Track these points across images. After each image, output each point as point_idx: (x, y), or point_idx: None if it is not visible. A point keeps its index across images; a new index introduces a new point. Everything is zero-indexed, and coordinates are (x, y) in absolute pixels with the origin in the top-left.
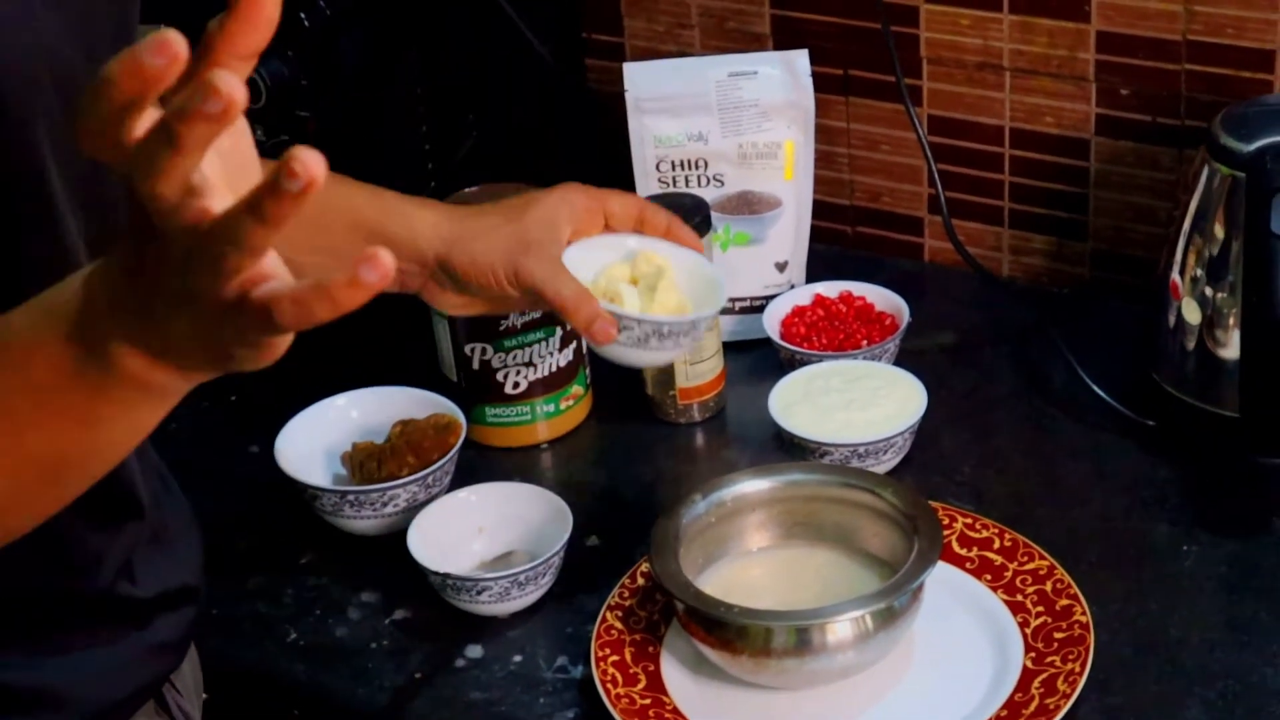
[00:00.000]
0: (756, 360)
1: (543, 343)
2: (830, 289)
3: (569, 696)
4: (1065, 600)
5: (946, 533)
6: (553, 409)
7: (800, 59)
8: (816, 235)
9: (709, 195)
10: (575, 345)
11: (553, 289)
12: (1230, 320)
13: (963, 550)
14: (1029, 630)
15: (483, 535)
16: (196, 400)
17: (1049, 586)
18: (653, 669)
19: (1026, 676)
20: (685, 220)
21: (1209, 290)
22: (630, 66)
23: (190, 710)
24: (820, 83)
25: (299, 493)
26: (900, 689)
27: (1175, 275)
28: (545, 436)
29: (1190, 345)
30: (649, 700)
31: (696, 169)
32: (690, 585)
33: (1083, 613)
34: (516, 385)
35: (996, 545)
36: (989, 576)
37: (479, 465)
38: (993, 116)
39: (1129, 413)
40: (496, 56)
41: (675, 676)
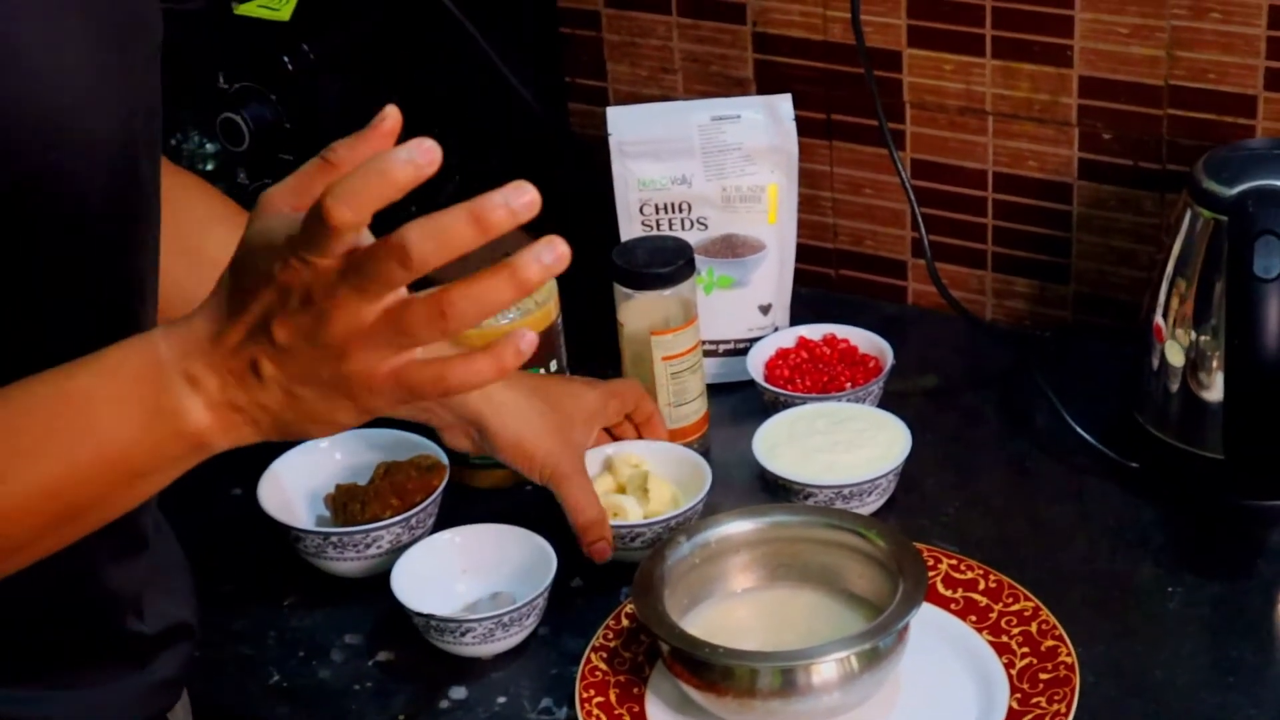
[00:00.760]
0: (740, 402)
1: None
2: (814, 331)
3: None
4: (1050, 641)
5: (931, 574)
6: None
7: (783, 103)
8: (800, 278)
9: (692, 238)
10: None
11: (574, 505)
12: (1214, 362)
13: (948, 591)
14: (1014, 671)
15: (466, 577)
16: None
17: (1034, 627)
18: (638, 710)
19: (1012, 718)
20: (669, 263)
21: (1192, 333)
22: (613, 110)
23: None
24: (803, 127)
25: (282, 534)
26: None
27: (1159, 318)
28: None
29: (1174, 387)
30: None
31: (680, 212)
32: (675, 626)
33: (1068, 654)
34: None
35: (981, 586)
36: (974, 618)
37: (463, 507)
38: (976, 160)
39: (1113, 454)
40: (479, 100)
41: (660, 718)
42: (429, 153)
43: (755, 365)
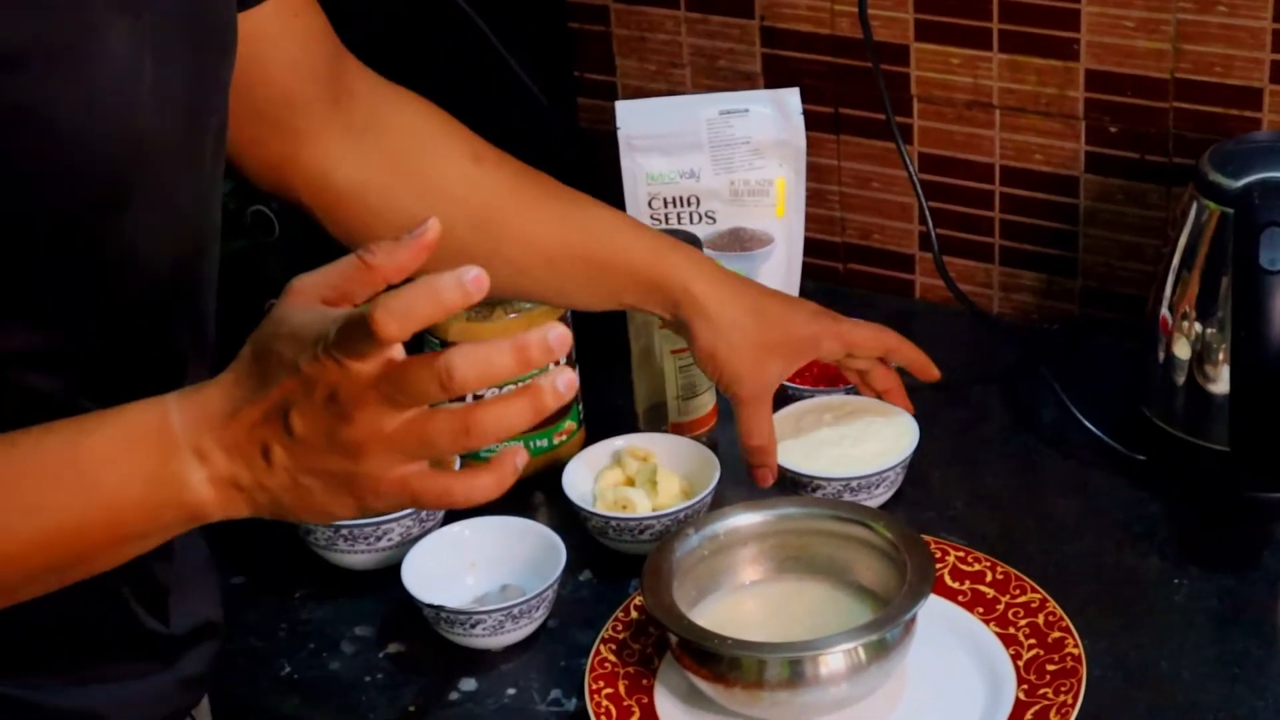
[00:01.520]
0: None
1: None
2: None
3: None
4: (1057, 633)
5: (939, 566)
6: (546, 444)
7: (791, 97)
8: (808, 272)
9: (701, 232)
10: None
11: (744, 429)
12: (1220, 355)
13: (955, 583)
14: (1021, 663)
15: (476, 570)
16: None
17: (1041, 619)
18: (646, 701)
19: (1019, 709)
20: None
21: (1198, 326)
22: (622, 105)
23: None
24: (811, 121)
25: (292, 528)
26: None
27: (1165, 311)
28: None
29: (1180, 380)
30: None
31: (688, 206)
32: (684, 617)
33: (1075, 645)
34: None
35: (989, 578)
36: (981, 609)
37: None
38: (983, 154)
39: (1119, 447)
40: (489, 95)
41: (669, 709)
42: (478, 281)
43: None
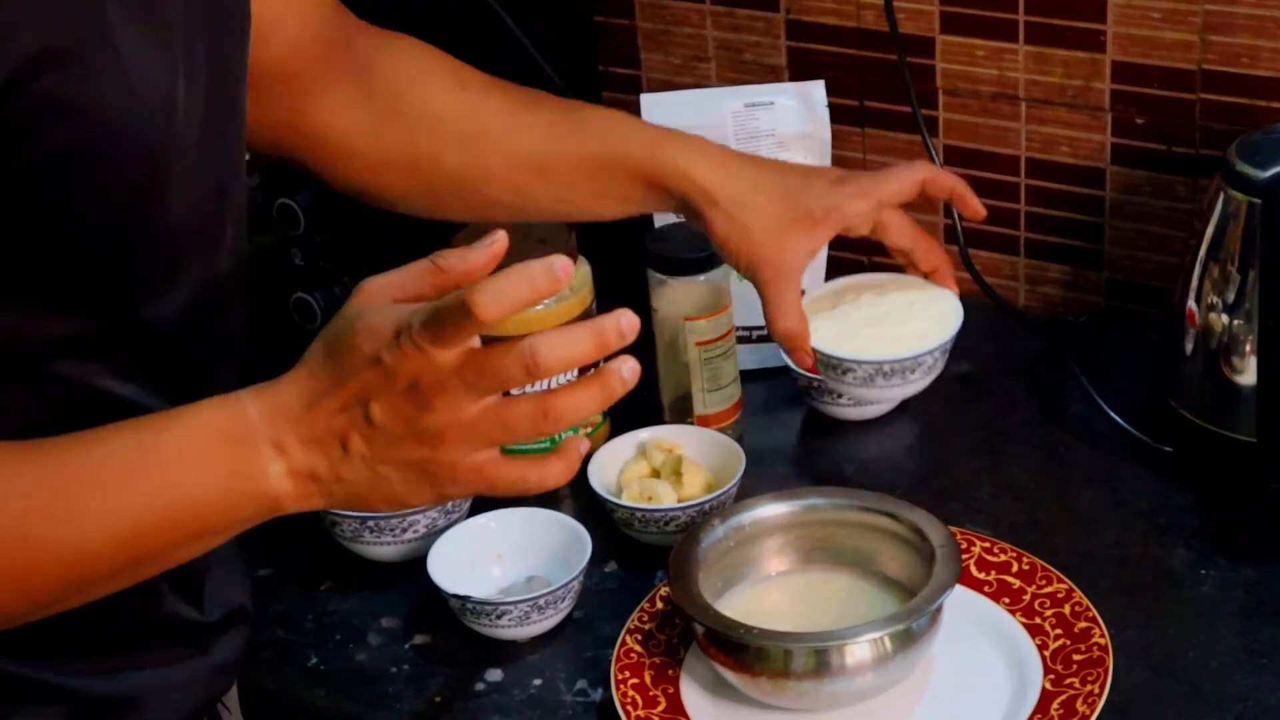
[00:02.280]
0: (773, 389)
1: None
2: None
3: None
4: (1084, 623)
5: (965, 556)
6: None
7: (817, 90)
8: (834, 265)
9: None
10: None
11: (770, 313)
12: (1247, 346)
13: (981, 574)
14: (1047, 653)
15: (502, 560)
16: None
17: (1067, 609)
18: (672, 691)
19: (1045, 698)
20: (703, 249)
21: (1225, 317)
22: (647, 98)
23: None
24: (836, 114)
25: (318, 519)
26: (919, 711)
27: (1191, 303)
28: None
29: (1207, 372)
30: None
31: None
32: (710, 607)
33: (1101, 635)
34: None
35: (1015, 569)
36: (1007, 600)
37: None
38: (1008, 147)
39: (1146, 439)
40: None
41: (695, 699)
42: (567, 269)
43: None
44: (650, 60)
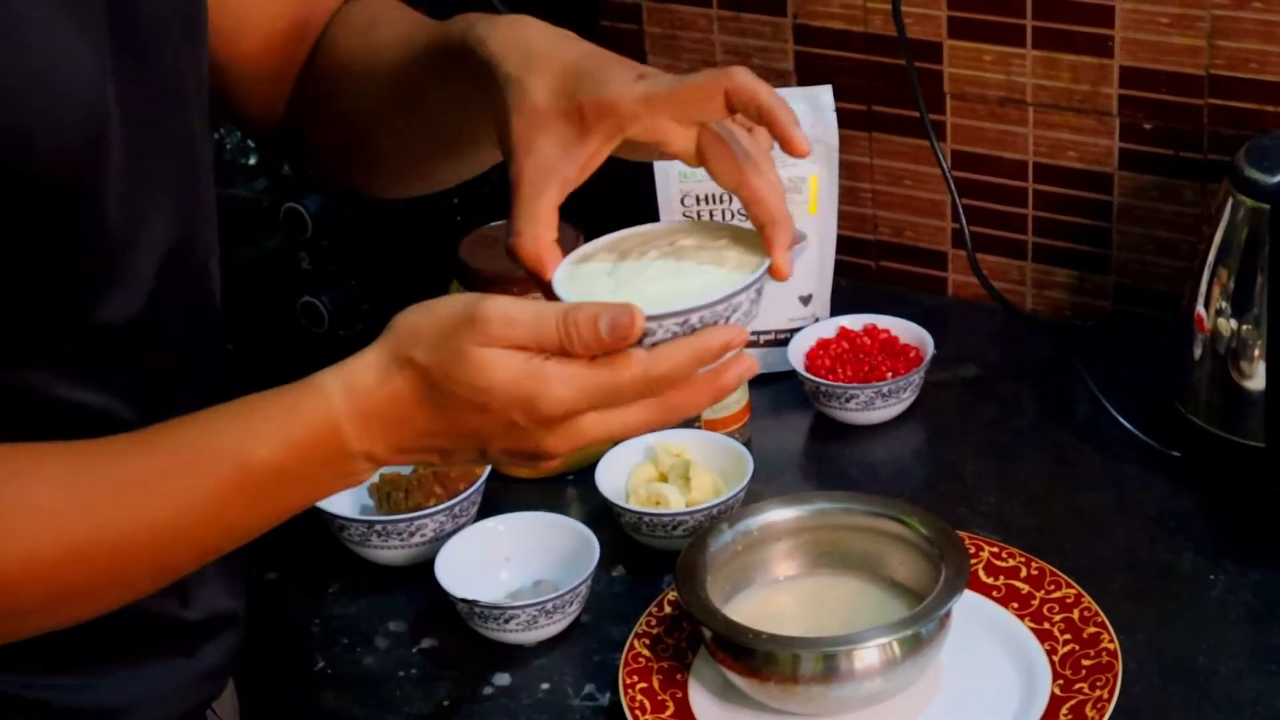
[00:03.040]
0: (781, 393)
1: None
2: (855, 322)
3: None
4: (1093, 628)
5: (973, 561)
6: None
7: (824, 94)
8: (840, 270)
9: None
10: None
11: (514, 223)
12: (1255, 351)
13: (989, 579)
14: (1056, 658)
15: (509, 565)
16: None
17: (1076, 614)
18: (680, 696)
19: (1054, 704)
20: None
21: (1234, 322)
22: None
23: None
24: (844, 118)
25: (326, 523)
26: (927, 716)
27: (1199, 307)
28: (571, 467)
29: (1215, 376)
30: None
31: (721, 203)
32: (718, 612)
33: (1110, 640)
34: None
35: (1023, 574)
36: (1016, 604)
37: (505, 496)
38: (1016, 151)
39: (1154, 443)
40: None
41: (703, 703)
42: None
43: (796, 356)
44: (657, 64)
